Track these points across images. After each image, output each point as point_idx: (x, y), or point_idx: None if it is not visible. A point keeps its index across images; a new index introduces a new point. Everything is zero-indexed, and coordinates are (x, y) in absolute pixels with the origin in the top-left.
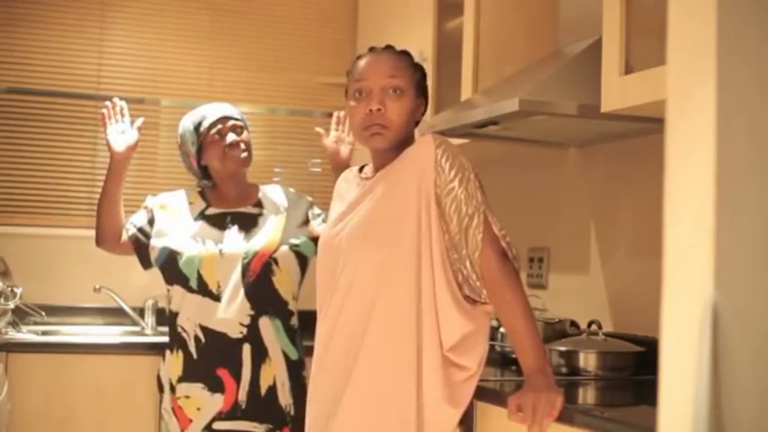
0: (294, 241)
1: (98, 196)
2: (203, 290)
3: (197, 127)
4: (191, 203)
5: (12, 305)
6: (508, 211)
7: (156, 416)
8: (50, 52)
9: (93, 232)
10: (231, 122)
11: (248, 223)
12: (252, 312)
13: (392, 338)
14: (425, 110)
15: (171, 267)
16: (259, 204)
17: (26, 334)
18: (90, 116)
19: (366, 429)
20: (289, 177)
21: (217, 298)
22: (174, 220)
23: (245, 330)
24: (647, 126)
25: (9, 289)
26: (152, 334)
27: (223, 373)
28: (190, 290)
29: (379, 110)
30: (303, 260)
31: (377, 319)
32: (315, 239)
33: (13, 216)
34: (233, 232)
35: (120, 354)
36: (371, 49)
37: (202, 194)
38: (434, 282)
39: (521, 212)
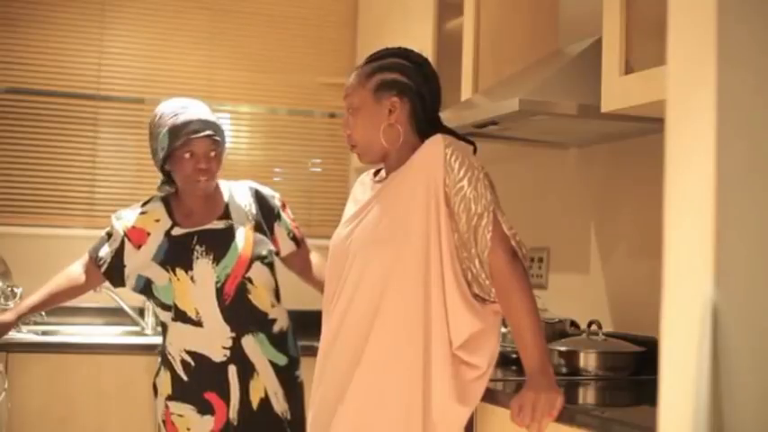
0: (263, 253)
1: (98, 197)
2: (183, 317)
3: (171, 135)
4: (157, 221)
5: (12, 305)
6: (508, 211)
7: (155, 416)
8: (50, 52)
9: (93, 232)
10: (209, 142)
11: (216, 242)
12: (233, 334)
13: (398, 335)
14: (417, 106)
15: (150, 295)
16: (226, 215)
17: (26, 334)
18: (90, 116)
19: (369, 426)
20: (289, 177)
21: (198, 323)
22: (143, 243)
23: (228, 353)
24: (647, 126)
25: (9, 289)
26: (152, 334)
27: (211, 397)
28: (171, 318)
29: (347, 132)
30: (273, 268)
31: (383, 316)
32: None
33: (12, 216)
34: (201, 255)
35: (120, 354)
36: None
37: (166, 204)
38: (443, 280)
39: (521, 212)
